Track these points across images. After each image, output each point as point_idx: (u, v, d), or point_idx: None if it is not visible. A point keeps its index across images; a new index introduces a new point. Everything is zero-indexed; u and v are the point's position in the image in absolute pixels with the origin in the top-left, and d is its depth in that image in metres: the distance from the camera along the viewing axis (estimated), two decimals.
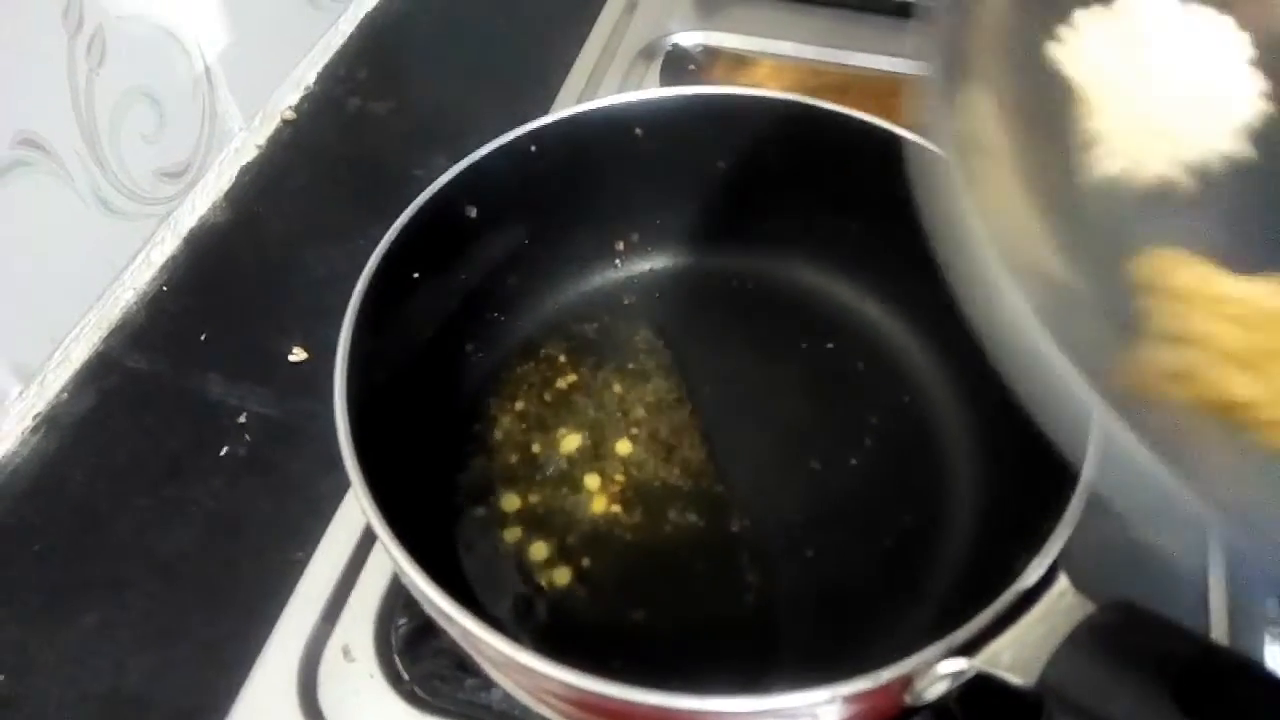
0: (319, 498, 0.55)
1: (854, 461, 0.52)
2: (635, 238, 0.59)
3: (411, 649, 0.50)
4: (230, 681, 0.49)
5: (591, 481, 0.52)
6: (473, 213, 0.52)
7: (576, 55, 0.77)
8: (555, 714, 0.43)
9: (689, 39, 0.79)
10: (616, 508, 0.52)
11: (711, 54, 0.78)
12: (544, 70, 0.76)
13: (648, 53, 0.78)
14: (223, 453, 0.58)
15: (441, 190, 0.50)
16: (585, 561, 0.50)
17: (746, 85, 0.61)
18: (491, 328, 0.57)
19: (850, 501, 0.51)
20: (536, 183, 0.53)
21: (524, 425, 0.54)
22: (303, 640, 0.50)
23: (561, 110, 0.53)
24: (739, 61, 0.77)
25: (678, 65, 0.77)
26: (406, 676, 0.50)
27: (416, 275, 0.50)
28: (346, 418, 0.41)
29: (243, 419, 0.59)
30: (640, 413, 0.55)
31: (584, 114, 0.53)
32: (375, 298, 0.46)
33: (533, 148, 0.52)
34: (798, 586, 0.49)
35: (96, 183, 0.59)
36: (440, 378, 0.54)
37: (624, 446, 0.54)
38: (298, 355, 0.61)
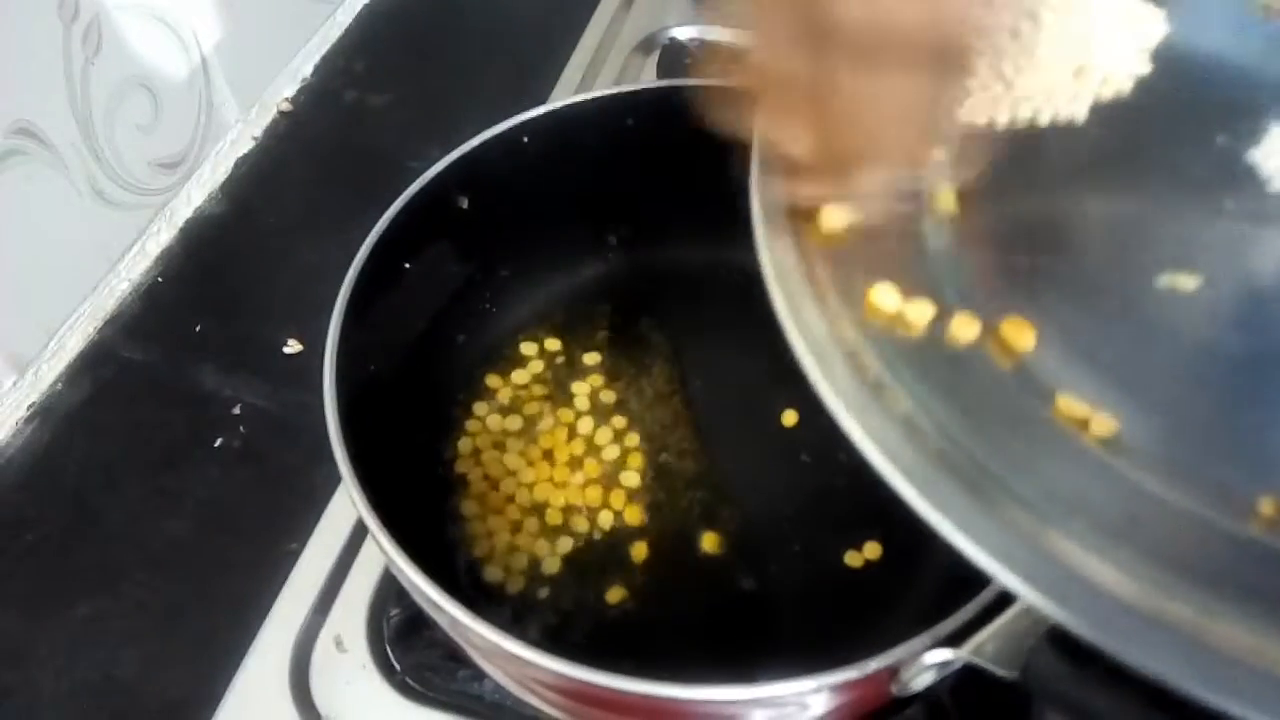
0: (313, 489, 0.55)
1: (844, 455, 0.52)
2: (627, 229, 0.59)
3: (404, 640, 0.50)
4: (223, 672, 0.50)
5: (581, 473, 0.53)
6: (464, 203, 0.52)
7: (574, 48, 0.77)
8: (544, 704, 0.43)
9: (686, 33, 0.78)
10: (606, 499, 0.52)
11: (708, 48, 0.78)
12: (541, 63, 0.76)
13: (644, 46, 0.78)
14: (217, 444, 0.58)
15: (433, 180, 0.49)
16: (574, 552, 0.50)
17: None
18: (482, 319, 0.57)
19: (840, 494, 0.51)
20: (529, 174, 0.53)
21: (513, 417, 0.54)
22: (295, 631, 0.51)
23: (554, 101, 0.53)
24: (736, 56, 0.77)
25: (674, 59, 0.77)
26: (399, 667, 0.50)
27: (407, 266, 0.50)
28: (336, 408, 0.41)
29: (237, 410, 0.59)
30: (631, 404, 0.55)
31: (576, 105, 0.52)
32: (365, 288, 0.46)
33: (525, 139, 0.52)
34: (787, 578, 0.49)
35: (92, 173, 0.59)
36: (431, 368, 0.54)
37: (615, 437, 0.54)
38: (293, 347, 0.61)
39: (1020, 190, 0.36)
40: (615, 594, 0.49)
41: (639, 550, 0.50)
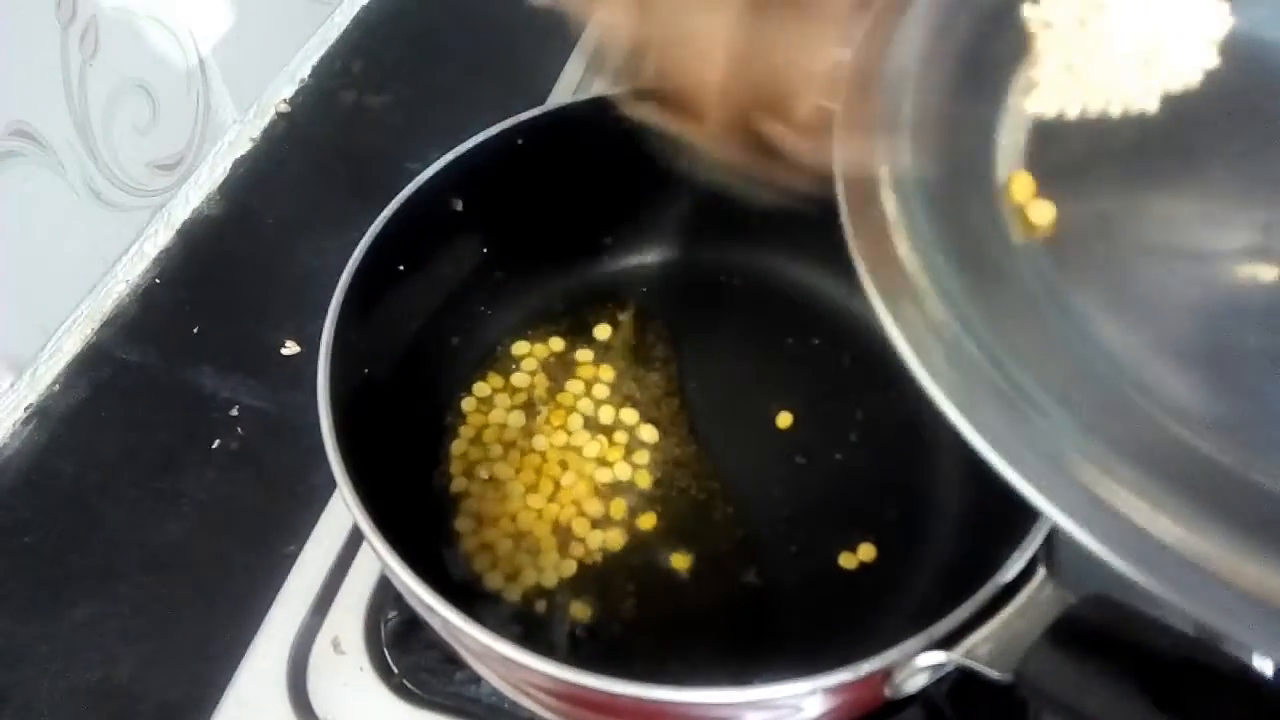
0: (310, 491, 0.55)
1: (839, 456, 0.52)
2: (624, 231, 0.59)
3: (401, 642, 0.50)
4: (220, 673, 0.50)
5: (576, 476, 0.52)
6: (459, 205, 0.52)
7: (573, 49, 0.77)
8: (539, 707, 0.43)
9: None
10: (601, 503, 0.52)
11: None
12: (540, 64, 0.76)
13: None
14: (214, 446, 0.58)
15: (427, 183, 0.49)
16: (569, 557, 0.50)
17: None
18: (477, 321, 0.57)
19: (835, 495, 0.51)
20: (523, 175, 0.53)
21: (508, 419, 0.54)
22: (292, 632, 0.51)
23: (549, 103, 0.53)
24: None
25: None
26: (396, 669, 0.50)
27: (402, 268, 0.50)
28: (330, 410, 0.41)
29: (235, 412, 0.59)
30: (627, 407, 0.55)
31: (571, 107, 0.53)
32: (359, 291, 0.46)
33: (519, 140, 0.52)
34: (782, 579, 0.49)
35: (89, 174, 0.59)
36: (426, 371, 0.54)
37: (611, 440, 0.54)
38: (290, 348, 0.61)
39: (1093, 182, 0.35)
40: (610, 598, 0.49)
41: (634, 554, 0.50)
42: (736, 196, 0.45)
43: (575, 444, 0.53)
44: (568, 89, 0.73)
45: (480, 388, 0.55)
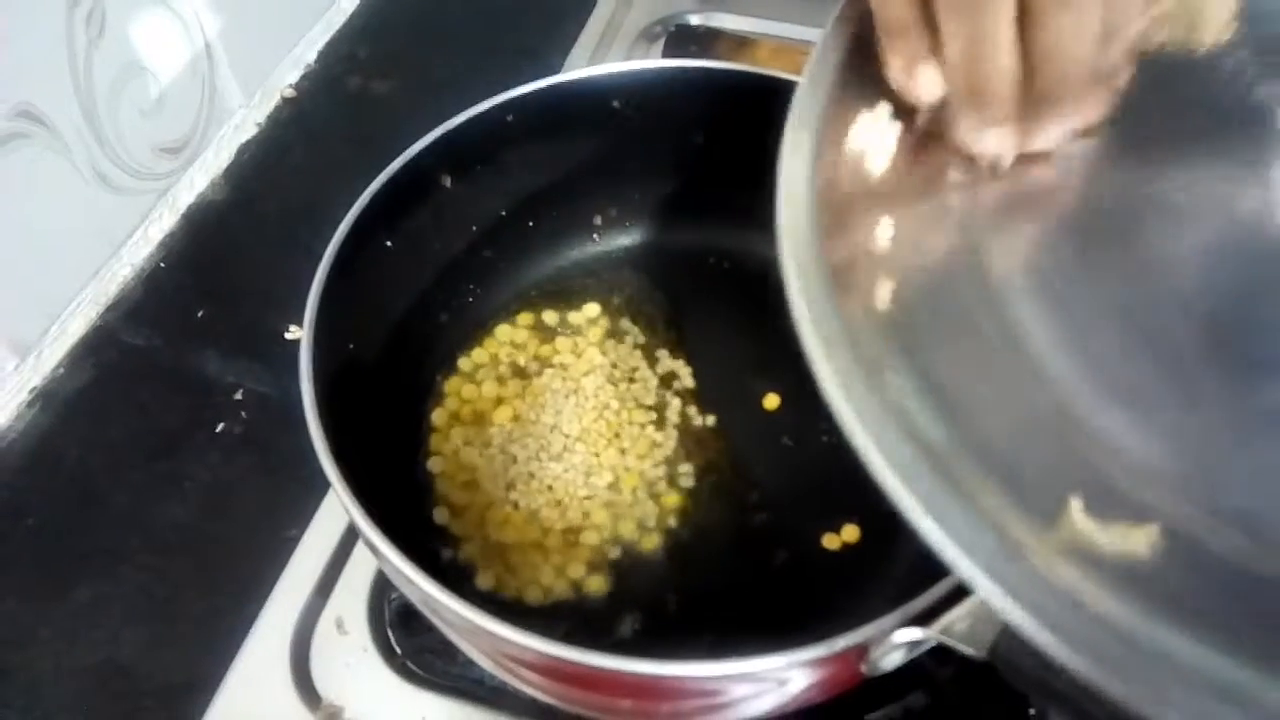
0: (314, 475, 0.53)
1: (825, 438, 0.52)
2: (613, 212, 0.59)
3: (404, 623, 0.51)
4: (224, 655, 0.50)
5: (562, 461, 0.52)
6: (447, 182, 0.52)
7: (579, 33, 0.77)
8: (526, 686, 0.43)
9: (692, 19, 0.78)
10: (587, 483, 0.51)
11: (714, 34, 0.77)
12: (546, 49, 0.76)
13: (650, 33, 0.78)
14: (218, 429, 0.58)
15: (414, 158, 0.49)
16: (555, 539, 0.50)
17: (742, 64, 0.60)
18: (466, 299, 0.56)
19: (820, 476, 0.50)
20: (513, 153, 0.52)
21: (495, 399, 0.54)
22: (296, 613, 0.51)
23: (538, 81, 0.52)
24: (741, 42, 0.77)
25: (680, 45, 0.76)
26: (399, 650, 0.50)
27: (389, 244, 0.50)
28: (312, 385, 0.40)
29: (239, 396, 0.59)
30: (613, 387, 0.55)
31: (561, 85, 0.52)
32: (345, 267, 0.45)
33: (509, 118, 0.51)
34: (767, 559, 0.49)
35: (94, 157, 0.59)
36: (413, 348, 0.54)
37: (598, 420, 0.54)
38: (294, 333, 0.61)
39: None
40: (591, 576, 0.49)
41: (617, 533, 0.50)
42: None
43: (562, 424, 0.53)
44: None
45: (468, 365, 0.55)
